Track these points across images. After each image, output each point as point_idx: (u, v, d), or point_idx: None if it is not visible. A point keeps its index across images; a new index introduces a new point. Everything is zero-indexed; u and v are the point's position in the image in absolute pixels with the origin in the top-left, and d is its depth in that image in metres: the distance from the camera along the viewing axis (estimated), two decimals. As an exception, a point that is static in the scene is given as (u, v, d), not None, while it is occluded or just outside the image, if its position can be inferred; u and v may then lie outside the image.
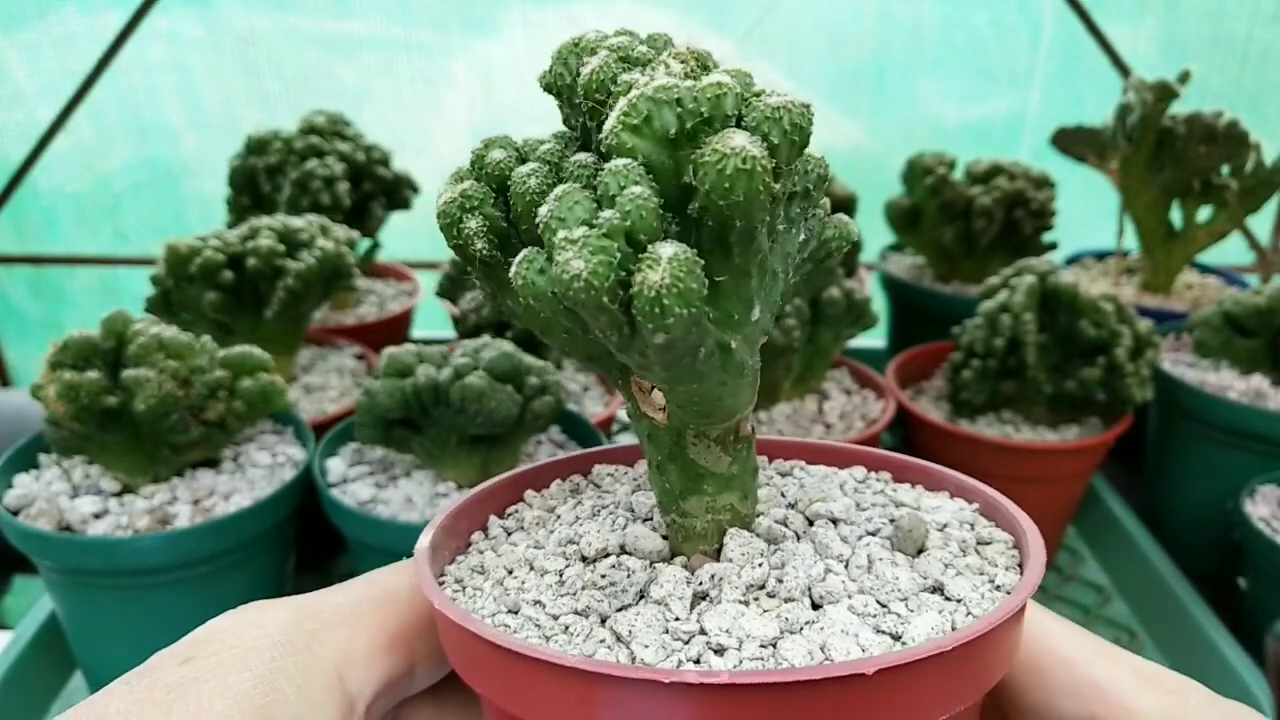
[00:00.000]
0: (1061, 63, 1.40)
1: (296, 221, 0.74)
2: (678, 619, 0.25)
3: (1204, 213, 0.97)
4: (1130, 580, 0.81)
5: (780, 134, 0.21)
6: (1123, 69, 1.34)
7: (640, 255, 0.21)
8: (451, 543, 0.30)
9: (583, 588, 0.27)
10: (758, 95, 0.22)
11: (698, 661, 0.23)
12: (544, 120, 0.26)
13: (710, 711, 0.21)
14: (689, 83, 0.22)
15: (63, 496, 0.58)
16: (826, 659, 0.23)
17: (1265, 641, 0.64)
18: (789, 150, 0.21)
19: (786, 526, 0.29)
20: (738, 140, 0.21)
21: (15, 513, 0.57)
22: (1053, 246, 1.04)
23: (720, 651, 0.23)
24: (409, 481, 0.63)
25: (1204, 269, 1.10)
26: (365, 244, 0.97)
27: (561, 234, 0.21)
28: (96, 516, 0.58)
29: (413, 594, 0.28)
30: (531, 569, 0.29)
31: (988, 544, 0.28)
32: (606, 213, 0.22)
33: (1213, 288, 1.06)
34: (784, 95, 0.22)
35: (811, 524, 0.29)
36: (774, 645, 0.23)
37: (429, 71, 1.41)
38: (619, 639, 0.25)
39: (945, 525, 0.28)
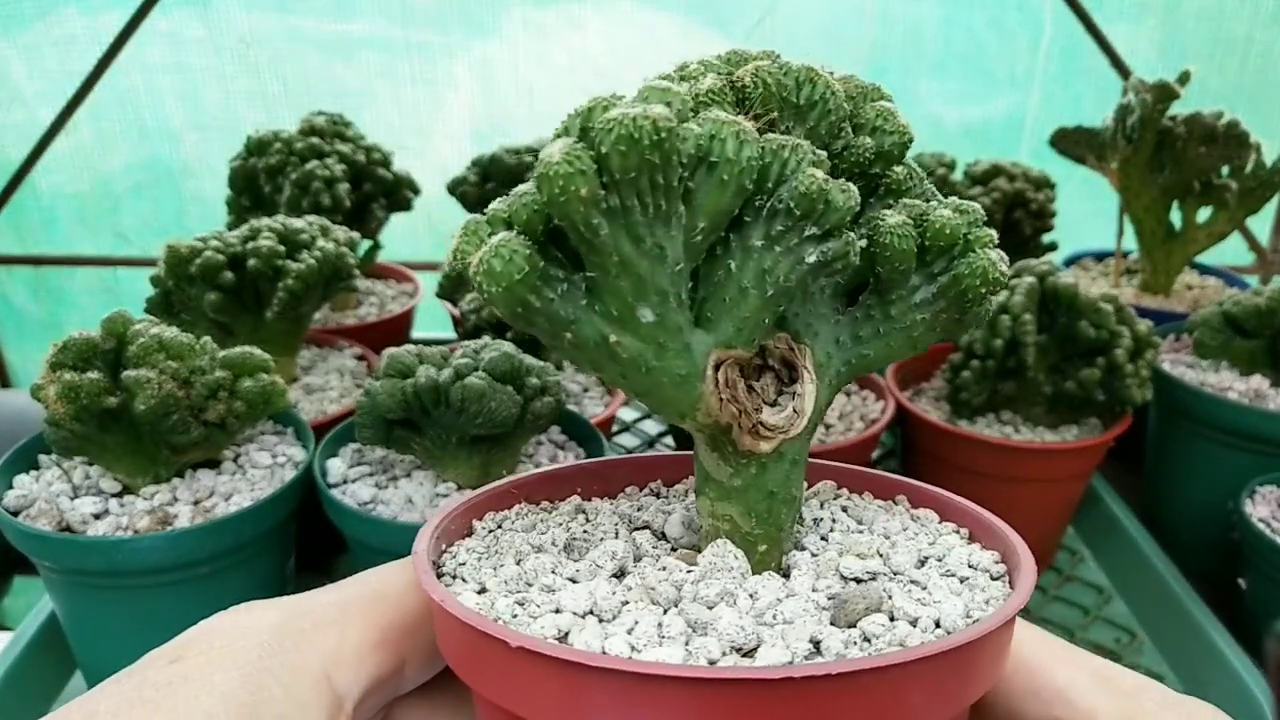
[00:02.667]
0: (1061, 63, 1.40)
1: (297, 222, 0.74)
2: (558, 581, 0.27)
3: (1204, 213, 0.97)
4: (1130, 580, 0.81)
5: (609, 144, 0.22)
6: (1122, 70, 1.34)
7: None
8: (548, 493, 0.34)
9: (570, 539, 0.29)
10: (608, 109, 0.23)
11: (519, 611, 0.26)
12: (544, 120, 0.26)
13: (701, 706, 0.22)
14: (599, 99, 0.24)
15: (63, 497, 0.59)
16: (602, 651, 0.24)
17: (1265, 641, 0.64)
18: (621, 161, 0.22)
19: (813, 557, 0.29)
20: (551, 149, 0.23)
21: (15, 513, 0.57)
22: (1052, 247, 1.04)
23: (536, 617, 0.25)
24: (409, 482, 0.63)
25: (1204, 269, 1.10)
26: (366, 245, 0.97)
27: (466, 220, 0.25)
28: (97, 517, 0.58)
29: (403, 593, 0.28)
30: (588, 520, 0.31)
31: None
32: (497, 203, 0.25)
33: (1213, 288, 1.06)
34: (634, 108, 0.22)
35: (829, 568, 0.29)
36: (570, 631, 0.25)
37: (429, 72, 1.42)
38: (513, 578, 0.27)
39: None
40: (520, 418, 0.60)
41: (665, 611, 0.26)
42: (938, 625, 0.25)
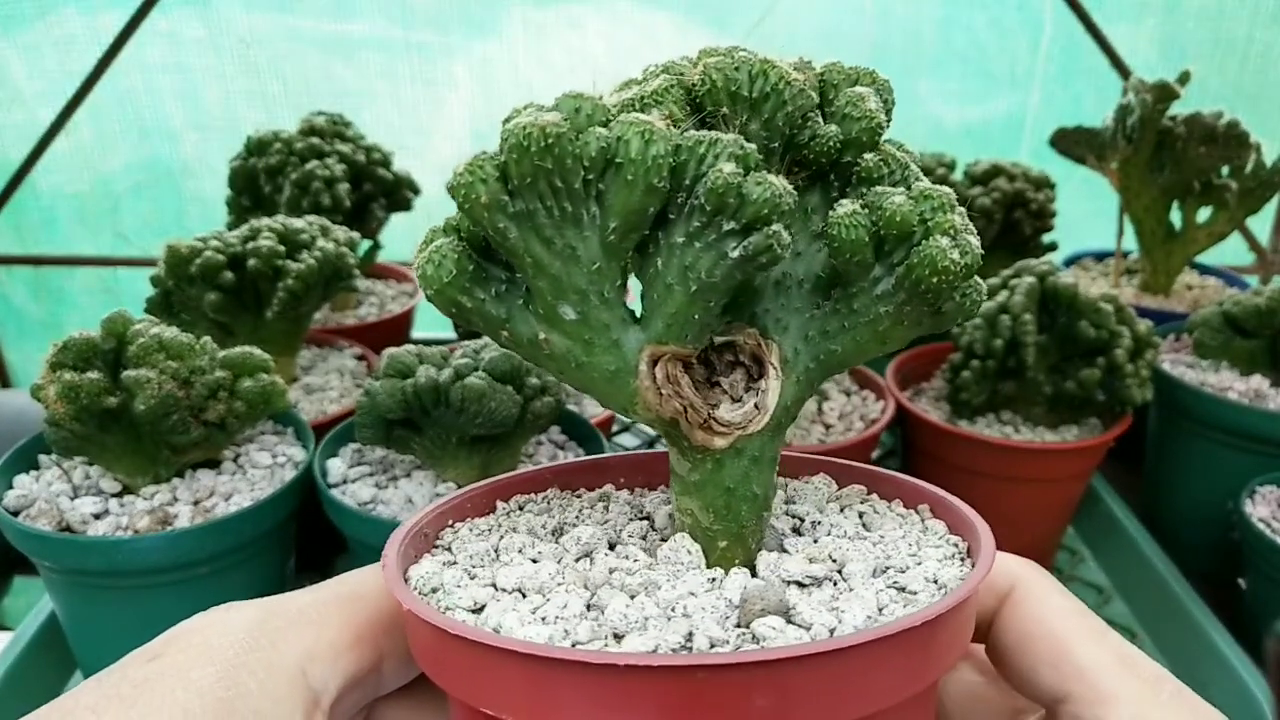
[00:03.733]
0: (1061, 63, 1.40)
1: (297, 222, 0.74)
2: (518, 559, 0.28)
3: (1204, 213, 0.97)
4: (1130, 580, 0.81)
5: (506, 152, 0.24)
6: (1122, 70, 1.34)
7: None
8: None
9: (562, 523, 0.31)
10: (513, 118, 0.24)
11: (467, 583, 0.27)
12: None
13: (661, 693, 0.22)
14: (516, 108, 0.26)
15: (63, 497, 0.59)
16: (496, 630, 0.25)
17: (1265, 641, 0.64)
18: (517, 167, 0.24)
19: (783, 556, 0.29)
20: (460, 160, 0.25)
21: (15, 513, 0.57)
22: (1052, 247, 1.04)
23: (464, 587, 0.27)
24: (409, 482, 0.63)
25: (1204, 269, 1.10)
26: (366, 245, 0.97)
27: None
28: (97, 517, 0.58)
29: (380, 593, 0.28)
30: (606, 509, 0.32)
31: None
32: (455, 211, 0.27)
33: (1212, 288, 1.06)
34: (527, 116, 0.24)
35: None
36: (484, 607, 0.26)
37: (429, 72, 1.41)
38: (482, 553, 0.29)
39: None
40: (520, 417, 0.60)
41: (593, 595, 0.26)
42: (831, 634, 0.25)
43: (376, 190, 0.97)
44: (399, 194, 0.99)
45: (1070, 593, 0.29)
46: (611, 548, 0.30)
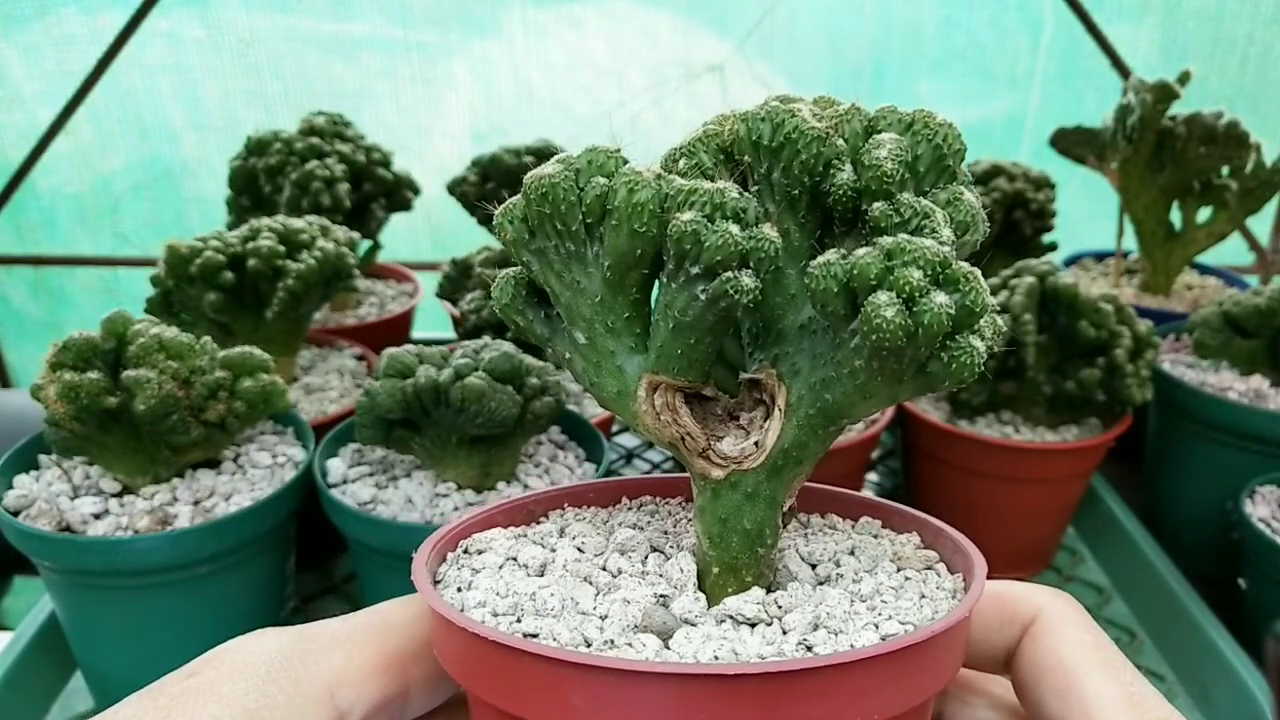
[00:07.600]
0: (1061, 63, 1.40)
1: (297, 222, 0.74)
2: (560, 543, 0.32)
3: (1204, 213, 0.98)
4: (1130, 580, 0.81)
5: (524, 198, 0.28)
6: (1122, 70, 1.34)
7: None
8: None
9: (639, 523, 0.33)
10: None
11: (501, 555, 0.31)
12: (544, 120, 0.27)
13: (683, 699, 0.23)
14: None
15: (63, 497, 0.59)
16: (477, 623, 0.27)
17: (1265, 641, 0.64)
18: (529, 212, 0.28)
19: (765, 594, 0.29)
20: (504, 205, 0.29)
21: (15, 513, 0.57)
22: (1052, 247, 1.04)
23: (483, 552, 0.31)
24: (409, 482, 0.63)
25: (1204, 269, 1.10)
26: (365, 245, 0.97)
27: None
28: (96, 517, 0.58)
29: (410, 623, 0.30)
30: (655, 511, 0.34)
31: None
32: None
33: (1213, 288, 1.06)
34: (539, 169, 0.27)
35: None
36: (482, 569, 0.30)
37: (429, 72, 1.41)
38: (542, 533, 0.33)
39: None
40: (520, 418, 0.60)
41: (570, 582, 0.29)
42: (680, 661, 0.26)
43: (376, 190, 0.97)
44: (399, 194, 0.99)
45: (1096, 626, 0.29)
46: (651, 553, 0.31)
